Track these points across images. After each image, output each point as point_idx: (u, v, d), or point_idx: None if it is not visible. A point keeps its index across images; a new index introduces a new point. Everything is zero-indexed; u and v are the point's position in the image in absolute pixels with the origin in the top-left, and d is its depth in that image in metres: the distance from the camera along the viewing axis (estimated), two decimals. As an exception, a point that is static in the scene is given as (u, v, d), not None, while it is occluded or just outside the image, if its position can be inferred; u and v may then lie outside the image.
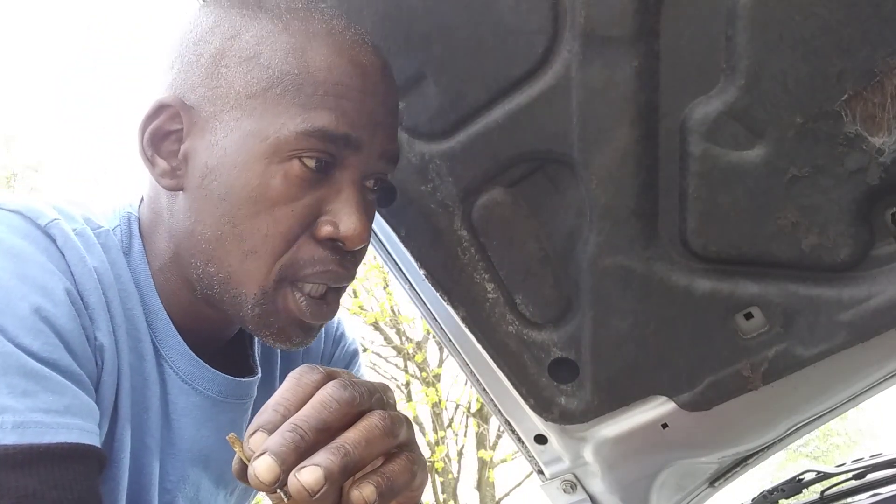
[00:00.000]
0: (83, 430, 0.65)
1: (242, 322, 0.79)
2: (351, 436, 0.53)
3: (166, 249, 0.80)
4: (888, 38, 0.79)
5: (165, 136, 0.78)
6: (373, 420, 0.55)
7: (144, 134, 0.78)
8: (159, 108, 0.78)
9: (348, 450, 0.52)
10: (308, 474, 0.50)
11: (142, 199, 0.86)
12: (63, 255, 0.71)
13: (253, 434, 0.53)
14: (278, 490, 0.51)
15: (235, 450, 0.54)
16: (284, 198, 0.74)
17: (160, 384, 0.80)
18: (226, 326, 0.88)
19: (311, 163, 0.73)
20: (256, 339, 0.93)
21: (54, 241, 0.71)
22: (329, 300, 0.79)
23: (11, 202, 0.72)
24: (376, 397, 0.57)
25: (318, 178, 0.74)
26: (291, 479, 0.50)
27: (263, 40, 0.75)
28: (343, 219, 0.75)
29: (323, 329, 1.03)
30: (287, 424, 0.52)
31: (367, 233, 0.76)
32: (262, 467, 0.50)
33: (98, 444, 0.68)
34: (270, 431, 0.52)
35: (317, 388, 0.55)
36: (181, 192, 0.78)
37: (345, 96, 0.74)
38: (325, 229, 0.75)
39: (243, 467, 0.53)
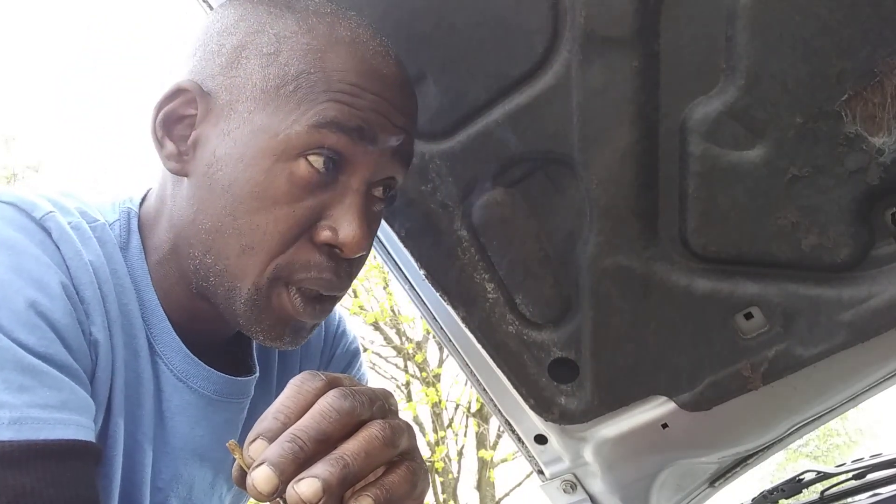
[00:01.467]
0: (80, 425, 0.65)
1: (234, 317, 0.78)
2: (350, 447, 0.53)
3: (166, 240, 0.80)
4: (888, 38, 0.79)
5: (179, 119, 0.78)
6: (373, 430, 0.54)
7: (158, 114, 0.77)
8: (177, 92, 0.77)
9: (347, 461, 0.51)
10: (306, 486, 0.49)
11: (147, 193, 0.85)
12: (58, 248, 0.70)
13: (253, 441, 0.52)
14: (277, 499, 0.51)
15: (235, 457, 0.54)
16: (287, 198, 0.73)
17: (154, 381, 0.79)
18: (223, 324, 0.87)
19: (319, 162, 0.73)
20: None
21: (49, 234, 0.70)
22: (323, 302, 0.78)
23: (6, 194, 0.71)
24: (377, 405, 0.56)
25: (323, 180, 0.74)
26: (290, 490, 0.50)
27: (285, 38, 0.75)
28: (343, 225, 0.74)
29: (323, 327, 1.02)
30: (286, 434, 0.51)
31: (366, 241, 0.75)
32: (261, 478, 0.50)
33: (94, 440, 0.67)
34: (271, 439, 0.52)
35: (318, 396, 0.54)
36: (186, 178, 0.77)
37: (359, 95, 0.74)
38: (324, 234, 0.74)
39: (243, 475, 0.52)
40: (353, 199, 0.74)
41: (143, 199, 0.85)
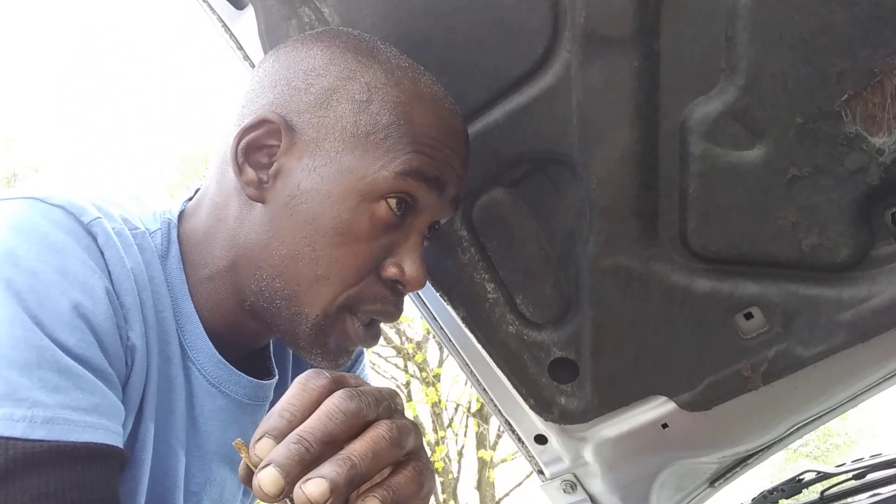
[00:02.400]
0: (108, 430, 0.66)
1: (294, 338, 0.81)
2: (357, 447, 0.53)
3: (222, 257, 0.82)
4: (888, 38, 0.79)
5: (259, 148, 0.81)
6: (380, 431, 0.54)
7: (241, 142, 0.80)
8: (262, 122, 0.80)
9: (354, 462, 0.51)
10: (314, 486, 0.50)
11: (184, 208, 0.87)
12: (102, 253, 0.72)
13: (259, 440, 0.53)
14: (284, 500, 0.51)
15: (242, 456, 0.54)
16: (367, 236, 0.78)
17: (186, 387, 0.81)
18: (262, 338, 0.90)
19: (394, 204, 0.78)
20: (272, 343, 0.94)
21: (95, 240, 0.72)
22: (376, 329, 0.84)
23: (55, 197, 0.72)
24: (384, 405, 0.57)
25: (396, 223, 0.79)
26: (297, 491, 0.50)
27: (376, 89, 0.79)
28: (408, 264, 0.80)
29: None
30: (292, 436, 0.52)
31: (426, 279, 0.81)
32: (267, 479, 0.50)
33: (121, 445, 0.68)
34: (276, 438, 0.52)
35: (323, 395, 0.55)
36: (261, 204, 0.80)
37: (438, 150, 0.80)
38: (391, 270, 0.80)
39: (250, 473, 0.53)
40: (415, 240, 0.81)
41: (182, 213, 0.87)
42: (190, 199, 0.89)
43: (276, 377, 0.92)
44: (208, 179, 0.87)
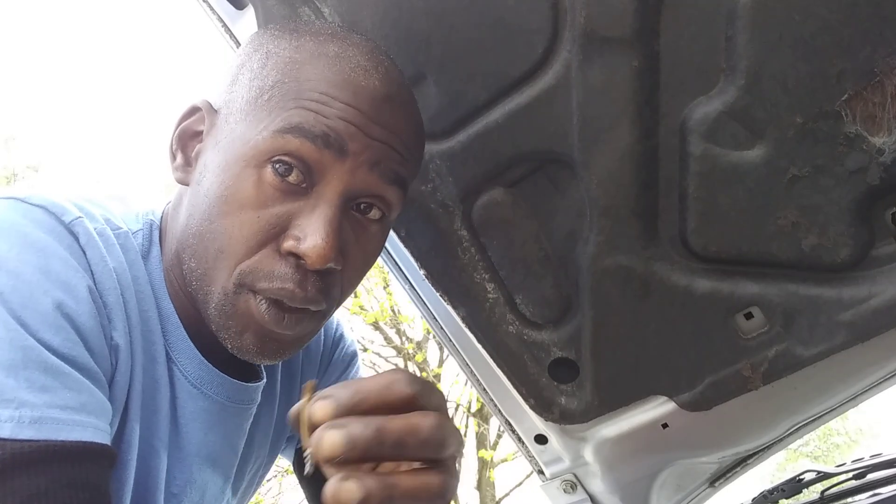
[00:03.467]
0: (97, 428, 0.66)
1: (209, 322, 0.78)
2: (397, 423, 0.53)
3: (171, 248, 0.82)
4: (888, 38, 0.79)
5: (193, 135, 0.82)
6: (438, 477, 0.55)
7: (175, 131, 0.82)
8: (191, 110, 0.82)
9: (384, 437, 0.52)
10: (332, 436, 0.51)
11: (166, 208, 0.88)
12: (84, 253, 0.71)
13: (324, 400, 0.53)
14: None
15: (305, 397, 0.55)
16: (252, 203, 0.73)
17: (170, 387, 0.81)
18: None
19: (281, 168, 0.72)
20: None
21: (77, 239, 0.71)
22: (292, 313, 0.75)
23: (36, 196, 0.72)
24: (456, 444, 0.57)
25: (293, 189, 0.73)
26: (317, 434, 0.51)
27: (274, 55, 0.77)
28: (308, 234, 0.71)
29: (322, 332, 1.03)
30: (379, 424, 0.52)
31: (331, 252, 0.71)
32: (330, 441, 0.51)
33: (109, 444, 0.68)
34: (337, 409, 0.53)
35: (404, 403, 0.55)
36: (187, 188, 0.81)
37: (327, 104, 0.73)
38: (288, 242, 0.72)
39: (302, 421, 0.54)
40: (322, 210, 0.72)
41: (164, 213, 0.87)
42: None
43: (264, 380, 0.91)
44: None
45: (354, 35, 0.80)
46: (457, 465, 0.59)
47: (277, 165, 0.72)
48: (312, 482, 1.01)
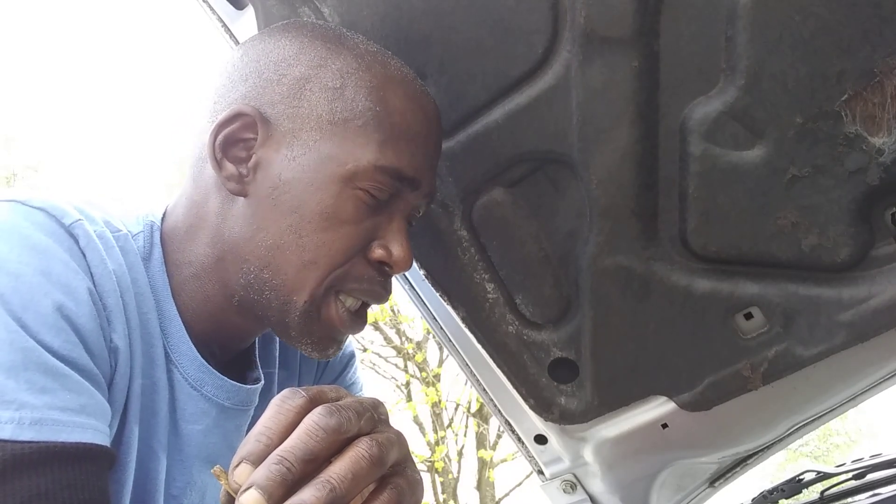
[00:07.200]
0: (97, 430, 0.66)
1: (284, 328, 0.82)
2: (337, 469, 0.51)
3: (207, 254, 0.82)
4: (888, 38, 0.79)
5: (236, 142, 0.81)
6: (360, 450, 0.53)
7: (217, 137, 0.81)
8: (236, 116, 0.81)
9: (334, 485, 0.50)
10: None
11: (166, 209, 0.87)
12: (84, 255, 0.72)
13: (237, 466, 0.52)
14: None
15: (221, 483, 0.53)
16: (353, 219, 0.80)
17: (169, 389, 0.81)
18: (248, 336, 0.90)
19: (379, 194, 0.81)
20: (258, 347, 0.94)
21: (77, 241, 0.72)
22: (362, 315, 0.86)
23: (36, 199, 0.72)
24: (366, 417, 0.55)
25: (378, 205, 0.81)
26: None
27: (348, 75, 0.81)
28: (394, 245, 0.82)
29: None
30: (273, 456, 0.51)
31: (412, 260, 0.84)
32: (250, 502, 0.49)
33: (109, 445, 0.68)
34: (255, 463, 0.51)
35: (300, 414, 0.53)
36: (242, 198, 0.80)
37: (414, 141, 0.82)
38: (378, 252, 0.82)
39: (230, 500, 0.52)
40: (400, 224, 0.84)
41: (165, 214, 0.87)
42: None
43: (262, 382, 0.91)
44: (185, 178, 0.87)
45: (384, 50, 0.86)
46: (407, 469, 0.58)
47: (374, 191, 0.80)
48: None
